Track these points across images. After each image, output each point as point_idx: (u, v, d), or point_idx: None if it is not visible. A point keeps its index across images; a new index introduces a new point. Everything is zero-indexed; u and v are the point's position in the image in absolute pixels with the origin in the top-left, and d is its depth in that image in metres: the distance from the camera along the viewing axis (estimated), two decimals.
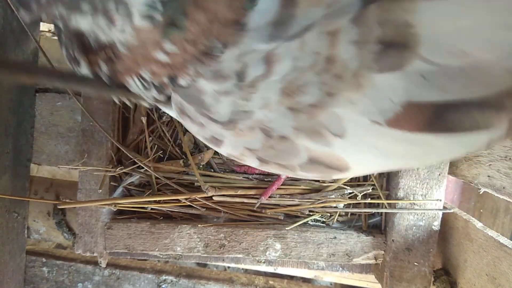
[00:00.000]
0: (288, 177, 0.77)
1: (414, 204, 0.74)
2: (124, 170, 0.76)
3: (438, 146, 0.35)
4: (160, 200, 0.75)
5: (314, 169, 0.40)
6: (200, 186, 0.72)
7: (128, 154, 0.75)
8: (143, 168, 0.76)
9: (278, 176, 0.76)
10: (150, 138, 0.79)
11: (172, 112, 0.42)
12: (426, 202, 0.74)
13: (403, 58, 0.30)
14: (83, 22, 0.32)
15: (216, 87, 0.35)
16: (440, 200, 0.74)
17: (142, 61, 0.35)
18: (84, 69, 0.39)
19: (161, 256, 0.81)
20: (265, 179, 0.78)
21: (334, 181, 0.78)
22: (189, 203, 0.76)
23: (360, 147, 0.37)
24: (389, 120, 0.33)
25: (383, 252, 0.77)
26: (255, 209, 0.77)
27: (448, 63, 0.30)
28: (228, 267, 1.43)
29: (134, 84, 0.38)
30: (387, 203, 0.76)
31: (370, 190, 0.77)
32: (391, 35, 0.30)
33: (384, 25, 0.30)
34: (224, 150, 0.42)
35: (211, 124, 0.38)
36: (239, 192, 0.75)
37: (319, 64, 0.32)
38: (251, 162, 0.42)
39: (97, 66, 0.37)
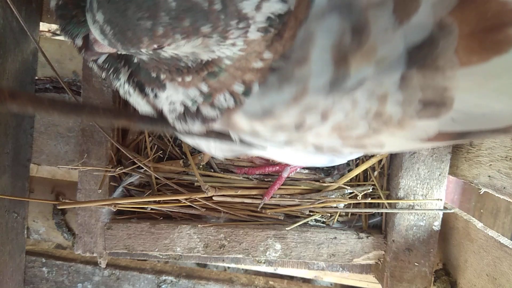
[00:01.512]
0: (288, 177, 0.77)
1: (415, 204, 0.74)
2: (124, 170, 0.75)
3: None
4: (160, 200, 0.75)
5: None
6: (200, 186, 0.72)
7: (128, 154, 0.75)
8: (143, 168, 0.76)
9: (279, 175, 0.76)
10: (150, 138, 0.78)
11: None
12: (426, 202, 0.74)
13: (440, 112, 0.41)
14: (186, 47, 0.32)
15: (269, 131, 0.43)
16: (441, 200, 0.74)
17: (240, 73, 0.37)
18: (169, 92, 0.40)
19: (161, 256, 0.80)
20: (265, 179, 0.78)
21: (334, 181, 0.78)
22: (189, 203, 0.76)
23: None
24: (422, 139, 0.44)
25: (383, 252, 0.77)
26: (258, 209, 0.77)
27: (473, 111, 0.41)
28: (228, 267, 1.43)
29: (219, 100, 0.39)
30: (388, 203, 0.76)
31: (371, 190, 0.77)
32: (431, 98, 0.39)
33: (425, 89, 0.39)
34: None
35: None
36: (239, 192, 0.75)
37: (369, 117, 0.41)
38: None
39: (193, 87, 0.38)
